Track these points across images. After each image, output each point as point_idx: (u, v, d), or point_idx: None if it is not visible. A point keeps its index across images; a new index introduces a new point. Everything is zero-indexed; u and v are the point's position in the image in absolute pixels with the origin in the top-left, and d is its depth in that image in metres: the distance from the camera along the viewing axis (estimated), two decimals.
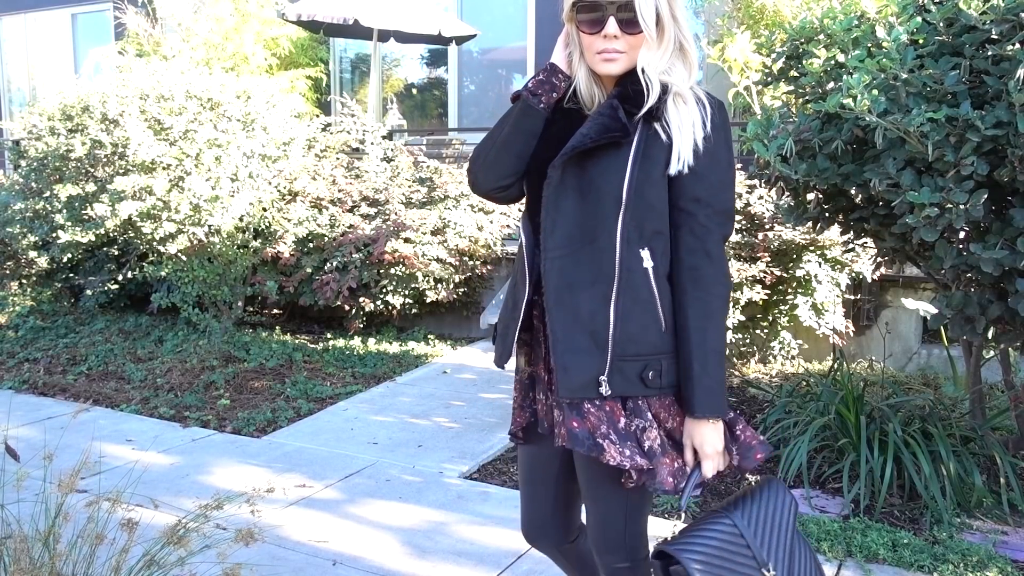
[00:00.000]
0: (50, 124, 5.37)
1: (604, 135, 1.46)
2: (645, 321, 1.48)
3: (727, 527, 1.47)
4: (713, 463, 1.50)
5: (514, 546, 2.82)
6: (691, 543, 1.44)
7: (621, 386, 1.48)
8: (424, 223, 5.74)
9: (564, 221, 1.50)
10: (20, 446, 3.78)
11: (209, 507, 1.87)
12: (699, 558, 1.43)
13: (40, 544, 1.79)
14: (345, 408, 4.45)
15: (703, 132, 1.47)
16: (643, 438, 1.49)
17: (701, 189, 1.47)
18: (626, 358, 1.47)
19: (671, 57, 1.50)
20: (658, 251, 1.49)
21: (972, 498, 3.09)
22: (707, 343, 1.45)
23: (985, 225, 2.64)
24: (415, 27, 7.55)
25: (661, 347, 1.48)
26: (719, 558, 1.44)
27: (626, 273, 1.47)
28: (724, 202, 1.50)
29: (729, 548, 1.46)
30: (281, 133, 5.55)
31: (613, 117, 1.47)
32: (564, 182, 1.51)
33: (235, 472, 3.51)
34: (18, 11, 11.74)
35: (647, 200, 1.47)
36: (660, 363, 1.48)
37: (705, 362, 1.45)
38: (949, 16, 2.51)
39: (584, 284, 1.49)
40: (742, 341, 5.25)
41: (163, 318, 6.52)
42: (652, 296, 1.48)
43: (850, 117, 2.60)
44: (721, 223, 1.49)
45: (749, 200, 5.19)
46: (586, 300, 1.48)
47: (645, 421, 1.50)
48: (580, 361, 1.48)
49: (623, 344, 1.47)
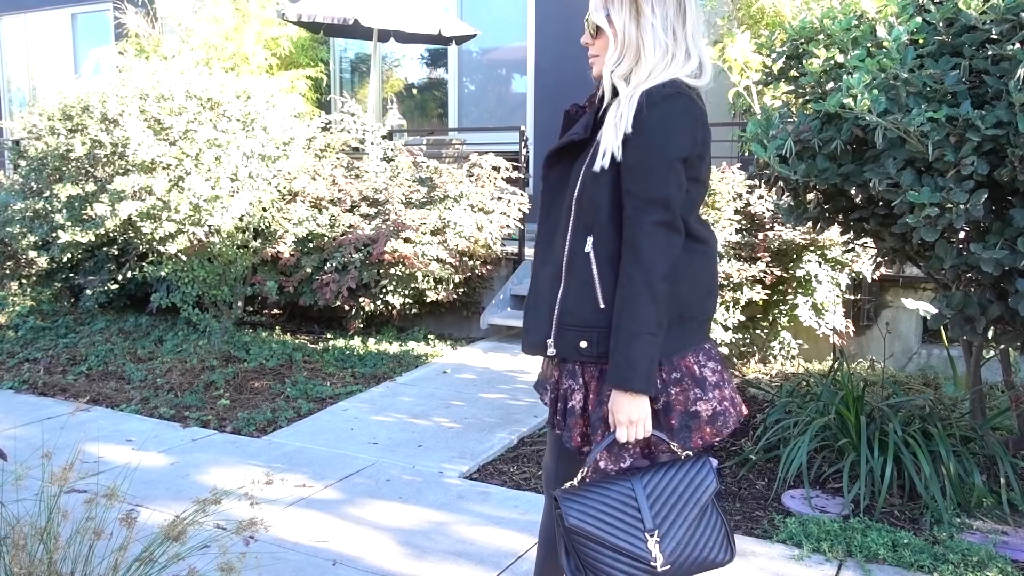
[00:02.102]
0: (50, 124, 5.36)
1: (568, 137, 1.73)
2: (582, 298, 1.68)
3: (624, 490, 1.59)
4: (625, 431, 1.62)
5: (514, 546, 2.82)
6: (581, 496, 1.58)
7: (563, 350, 1.71)
8: (424, 223, 5.74)
9: (543, 211, 1.81)
10: (20, 446, 3.78)
11: (207, 502, 1.86)
12: (581, 509, 1.56)
13: (38, 542, 1.78)
14: (345, 408, 4.45)
15: (625, 129, 1.61)
16: (570, 398, 1.72)
17: (630, 181, 1.62)
18: (566, 327, 1.70)
19: (618, 58, 1.67)
20: (602, 238, 1.67)
21: (972, 498, 3.08)
22: (621, 324, 1.60)
23: (985, 225, 2.64)
24: (415, 27, 7.55)
25: (595, 322, 1.66)
26: (605, 514, 1.56)
27: (571, 256, 1.70)
28: (652, 191, 1.60)
29: (618, 508, 1.57)
30: (281, 133, 5.55)
31: (585, 121, 1.73)
32: (548, 177, 1.79)
33: (235, 472, 3.51)
34: (18, 11, 11.74)
35: (587, 194, 1.68)
36: (593, 335, 1.67)
37: (618, 340, 1.60)
38: (949, 16, 2.51)
39: (547, 263, 1.78)
40: (742, 341, 5.25)
41: (163, 318, 6.52)
42: (591, 277, 1.67)
43: (850, 117, 2.60)
44: (649, 211, 1.60)
45: (749, 200, 5.20)
46: (545, 277, 1.77)
47: (576, 384, 1.72)
48: (536, 326, 1.75)
49: (564, 315, 1.71)
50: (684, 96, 1.61)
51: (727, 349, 5.17)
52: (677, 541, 1.59)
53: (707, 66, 1.71)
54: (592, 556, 1.57)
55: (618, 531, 1.56)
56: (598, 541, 1.56)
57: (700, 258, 1.70)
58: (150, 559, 1.83)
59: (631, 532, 1.57)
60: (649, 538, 1.57)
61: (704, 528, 1.63)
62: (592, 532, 1.56)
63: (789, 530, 2.90)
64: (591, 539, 1.57)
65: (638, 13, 1.65)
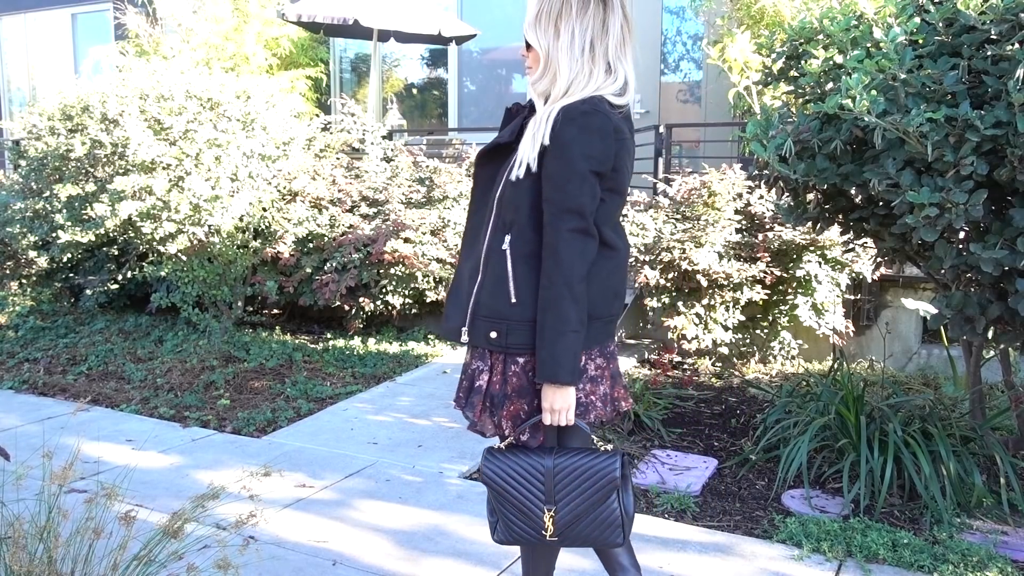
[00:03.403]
0: (50, 124, 5.36)
1: (495, 140, 1.88)
2: (495, 291, 1.81)
3: (537, 463, 1.82)
4: (550, 416, 1.80)
5: (513, 546, 2.82)
6: (501, 458, 1.83)
7: (475, 338, 1.86)
8: (424, 223, 5.74)
9: (471, 208, 1.93)
10: (20, 446, 3.79)
11: (205, 498, 1.86)
12: (498, 466, 1.82)
13: (38, 541, 1.79)
14: (345, 408, 4.45)
15: (541, 142, 1.75)
16: (477, 378, 1.88)
17: (549, 190, 1.76)
18: (478, 318, 1.84)
19: (541, 72, 1.81)
20: (520, 238, 1.80)
21: (972, 498, 3.08)
22: (546, 323, 1.75)
23: (985, 225, 2.64)
24: (415, 27, 7.55)
25: (508, 315, 1.80)
26: (515, 480, 1.81)
27: (488, 252, 1.84)
28: (567, 201, 1.73)
29: (528, 478, 1.81)
30: (281, 133, 5.55)
31: (513, 126, 1.87)
32: (479, 176, 1.92)
33: (235, 472, 3.51)
34: (18, 11, 11.74)
35: (508, 196, 1.82)
36: (504, 327, 1.81)
37: (544, 338, 1.76)
38: (948, 16, 2.51)
39: (469, 258, 1.91)
40: (742, 341, 5.25)
41: (163, 318, 6.52)
42: (505, 273, 1.80)
43: (849, 118, 2.60)
44: (565, 219, 1.74)
45: (749, 200, 5.20)
46: (466, 270, 1.91)
47: (485, 366, 1.87)
48: (454, 314, 1.91)
49: (477, 306, 1.85)
50: (600, 113, 1.74)
51: (727, 349, 5.17)
52: (571, 517, 1.81)
53: (631, 84, 1.85)
54: (501, 506, 1.85)
55: (521, 494, 1.82)
56: (505, 496, 1.83)
57: (610, 263, 1.84)
58: (149, 559, 1.83)
59: (532, 499, 1.82)
60: (546, 510, 1.81)
61: (601, 511, 1.82)
62: (502, 486, 1.82)
63: (789, 530, 2.90)
64: (501, 492, 1.83)
65: (556, 33, 1.79)
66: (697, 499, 3.25)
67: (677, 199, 5.33)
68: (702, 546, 2.85)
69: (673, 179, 5.51)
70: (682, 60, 8.53)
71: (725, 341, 5.05)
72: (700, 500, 3.25)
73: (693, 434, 4.03)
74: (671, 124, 6.18)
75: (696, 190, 5.21)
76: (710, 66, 6.86)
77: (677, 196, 5.34)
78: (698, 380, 5.01)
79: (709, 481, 3.43)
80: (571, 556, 2.71)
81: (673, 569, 2.68)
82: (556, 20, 1.79)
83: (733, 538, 2.92)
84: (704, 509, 3.17)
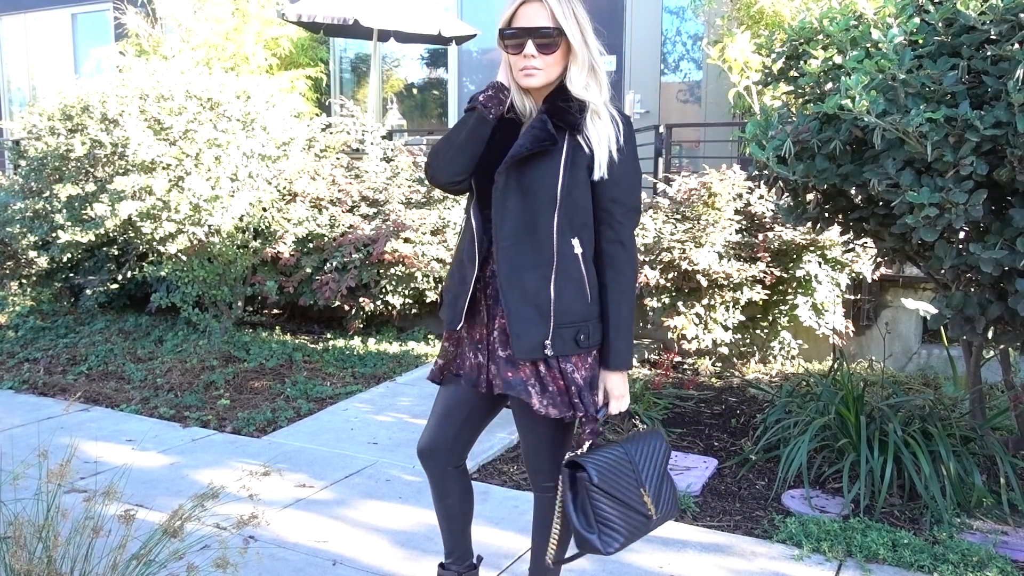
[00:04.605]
0: (50, 124, 5.36)
1: (536, 145, 1.80)
2: (575, 295, 1.84)
3: (621, 453, 1.88)
4: (618, 403, 1.91)
5: (514, 546, 2.82)
6: (594, 457, 1.85)
7: (560, 348, 1.84)
8: (424, 223, 5.74)
9: (511, 217, 1.84)
10: (19, 446, 3.78)
11: (205, 497, 1.86)
12: (598, 467, 1.83)
13: (38, 540, 1.79)
14: (345, 408, 4.45)
15: (616, 145, 1.82)
16: (572, 379, 1.87)
17: (618, 192, 1.83)
18: (563, 325, 1.83)
19: (586, 76, 1.83)
20: (585, 240, 1.85)
21: (972, 498, 3.08)
22: (621, 314, 1.85)
23: (985, 225, 2.64)
24: (415, 27, 7.55)
25: (587, 315, 1.86)
26: (612, 471, 1.85)
27: (561, 258, 1.83)
28: (635, 201, 1.88)
29: (621, 467, 1.87)
30: (281, 133, 5.54)
31: (543, 129, 1.81)
32: (508, 185, 1.84)
33: (235, 472, 3.51)
34: (18, 11, 11.74)
35: (575, 199, 1.82)
36: (588, 328, 1.85)
37: (619, 328, 1.85)
38: (948, 16, 2.51)
39: (529, 267, 1.84)
40: (742, 341, 5.25)
41: (163, 318, 6.52)
42: (581, 276, 1.85)
43: (848, 118, 2.60)
44: (633, 218, 1.87)
45: (749, 200, 5.19)
46: (531, 280, 1.84)
47: (570, 366, 1.87)
48: (529, 329, 1.83)
49: (560, 315, 1.83)
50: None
51: (727, 349, 5.17)
52: (655, 491, 1.90)
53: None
54: (604, 510, 1.83)
55: (622, 487, 1.85)
56: (610, 495, 1.83)
57: None
58: (149, 558, 1.83)
59: (632, 488, 1.86)
60: (644, 492, 1.87)
61: (668, 486, 1.94)
62: (606, 489, 1.82)
63: (789, 530, 2.90)
64: (607, 494, 1.82)
65: (579, 26, 1.81)
66: (697, 499, 3.25)
67: (677, 199, 5.33)
68: (702, 546, 2.85)
69: (673, 179, 5.51)
70: (682, 60, 8.53)
71: (725, 341, 5.05)
72: (700, 500, 3.25)
73: (693, 434, 4.03)
74: (671, 124, 6.17)
75: (696, 190, 5.21)
76: (710, 66, 6.86)
77: (677, 196, 5.33)
78: (698, 380, 5.01)
79: (709, 481, 3.43)
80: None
81: (673, 569, 2.68)
82: (574, 9, 1.80)
83: (733, 538, 2.92)
84: (704, 509, 3.17)
